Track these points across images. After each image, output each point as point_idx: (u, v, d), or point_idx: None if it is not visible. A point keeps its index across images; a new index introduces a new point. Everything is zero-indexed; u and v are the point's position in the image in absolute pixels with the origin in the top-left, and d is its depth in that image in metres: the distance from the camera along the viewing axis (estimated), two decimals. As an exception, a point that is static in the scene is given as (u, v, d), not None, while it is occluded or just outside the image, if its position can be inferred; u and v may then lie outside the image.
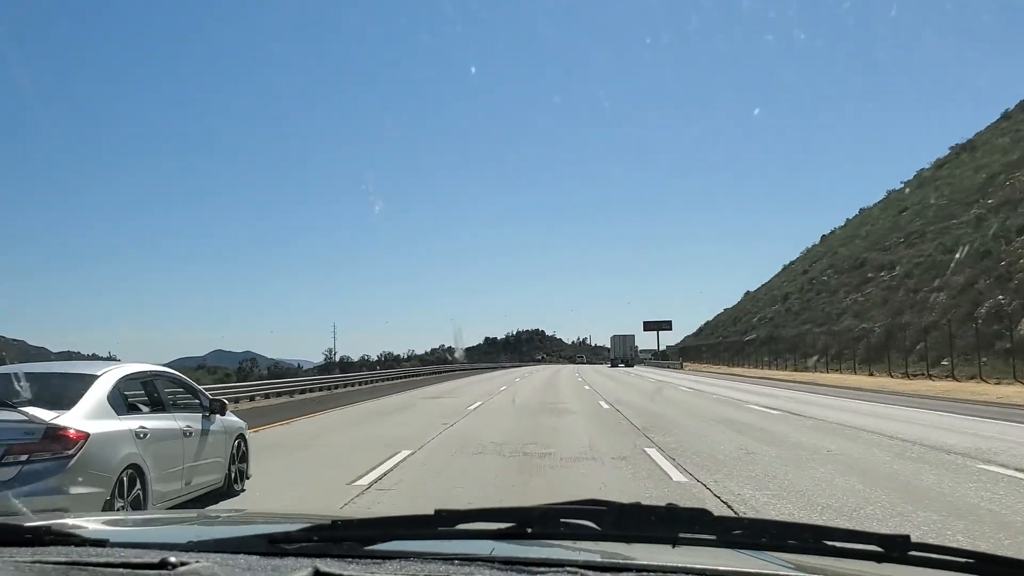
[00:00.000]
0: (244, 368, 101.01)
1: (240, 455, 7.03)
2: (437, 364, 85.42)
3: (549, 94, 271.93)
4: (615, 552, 1.37)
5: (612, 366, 76.20)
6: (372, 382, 34.36)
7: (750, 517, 1.53)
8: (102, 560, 1.28)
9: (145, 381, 5.98)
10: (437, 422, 14.00)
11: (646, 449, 9.72)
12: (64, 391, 5.23)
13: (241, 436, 7.04)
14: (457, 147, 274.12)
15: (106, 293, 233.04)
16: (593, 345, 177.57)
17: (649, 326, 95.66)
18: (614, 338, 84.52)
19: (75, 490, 4.77)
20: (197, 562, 1.23)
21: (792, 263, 79.76)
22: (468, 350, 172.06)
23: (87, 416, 5.07)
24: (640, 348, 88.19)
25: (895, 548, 1.27)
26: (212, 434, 6.43)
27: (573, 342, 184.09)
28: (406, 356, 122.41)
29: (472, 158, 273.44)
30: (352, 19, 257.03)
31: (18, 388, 5.13)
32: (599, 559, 1.34)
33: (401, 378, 41.28)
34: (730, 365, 58.59)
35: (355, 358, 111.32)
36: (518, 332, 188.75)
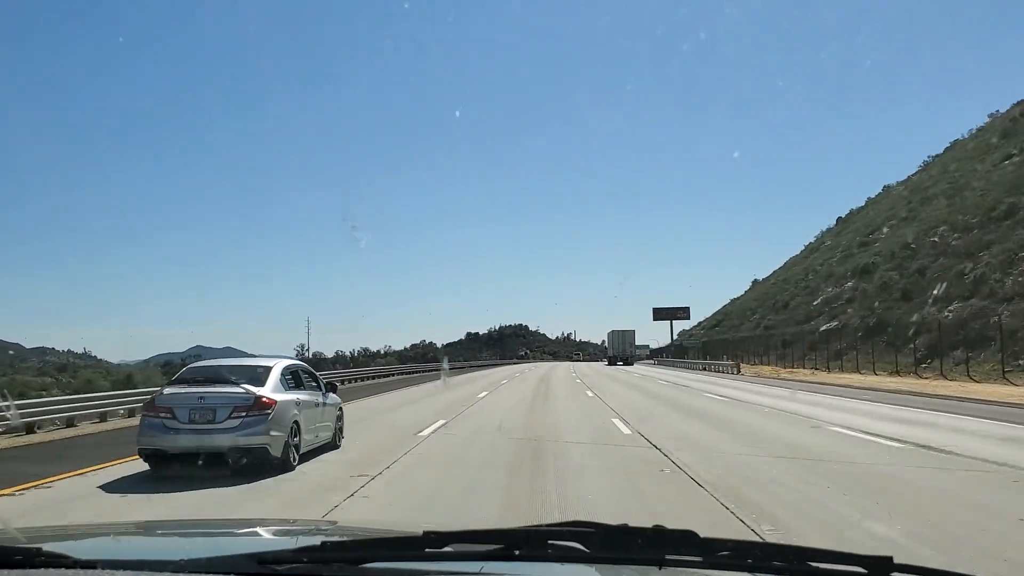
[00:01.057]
0: None
1: (339, 421, 10.77)
2: (414, 363, 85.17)
3: (530, 88, 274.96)
4: (602, 573, 1.44)
5: (609, 364, 72.53)
6: (342, 383, 30.22)
7: (736, 539, 1.36)
8: None
9: (292, 370, 9.68)
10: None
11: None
12: (257, 376, 8.92)
13: (340, 408, 10.81)
14: (437, 142, 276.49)
15: (81, 289, 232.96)
16: (578, 340, 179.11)
17: (661, 314, 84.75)
18: (612, 334, 79.44)
19: (272, 432, 8.45)
20: None
21: (847, 226, 69.57)
22: (449, 346, 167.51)
23: (273, 390, 8.76)
24: (638, 344, 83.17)
25: (878, 569, 1.31)
26: (327, 406, 10.19)
27: (557, 337, 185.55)
28: (383, 352, 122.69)
29: (454, 154, 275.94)
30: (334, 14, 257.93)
31: (232, 374, 8.85)
32: None
33: (371, 378, 38.52)
34: (805, 366, 43.35)
35: (329, 354, 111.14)
36: (500, 327, 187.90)
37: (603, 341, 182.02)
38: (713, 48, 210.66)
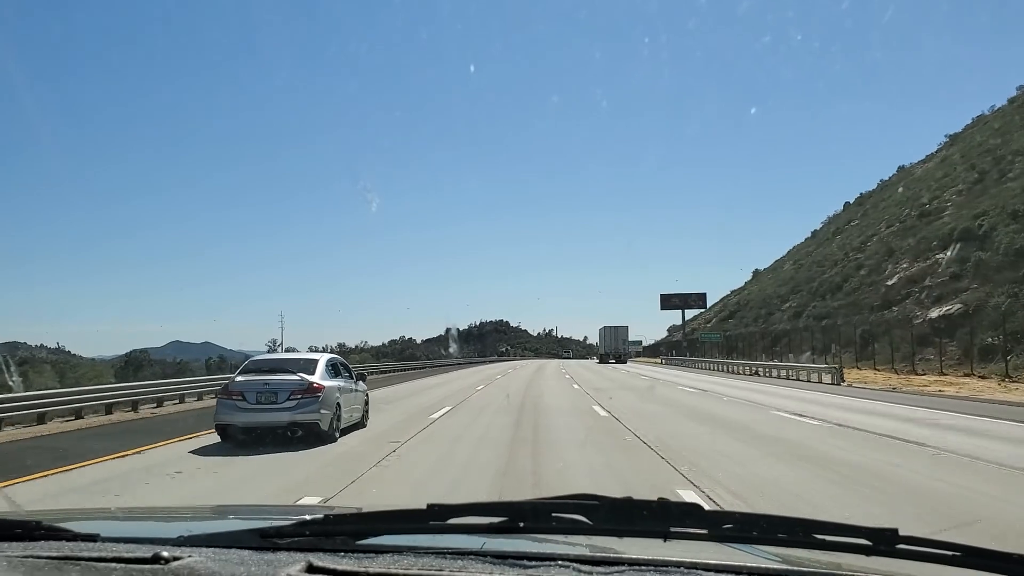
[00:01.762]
0: (211, 365, 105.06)
1: (366, 405, 13.21)
2: (391, 359, 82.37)
3: (511, 84, 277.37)
4: (606, 546, 1.44)
5: (601, 362, 69.93)
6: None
7: (741, 511, 1.49)
8: (94, 555, 1.35)
9: (333, 363, 12.13)
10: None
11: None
12: (307, 366, 11.34)
13: (367, 394, 13.26)
14: (417, 141, 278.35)
15: (55, 285, 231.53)
16: (560, 337, 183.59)
17: (671, 302, 76.85)
18: (604, 330, 75.65)
19: (321, 411, 10.87)
20: (190, 556, 1.31)
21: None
22: (428, 341, 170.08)
23: (321, 378, 11.19)
24: (630, 339, 79.43)
25: (883, 541, 1.33)
26: (358, 392, 12.67)
27: (539, 333, 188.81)
28: (359, 348, 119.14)
29: (434, 151, 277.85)
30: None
31: (288, 365, 11.28)
32: (590, 553, 1.40)
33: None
34: (919, 368, 31.22)
35: (302, 349, 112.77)
36: (481, 323, 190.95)
37: (585, 337, 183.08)
38: (699, 41, 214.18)
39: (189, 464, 9.53)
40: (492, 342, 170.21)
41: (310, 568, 1.25)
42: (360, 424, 12.85)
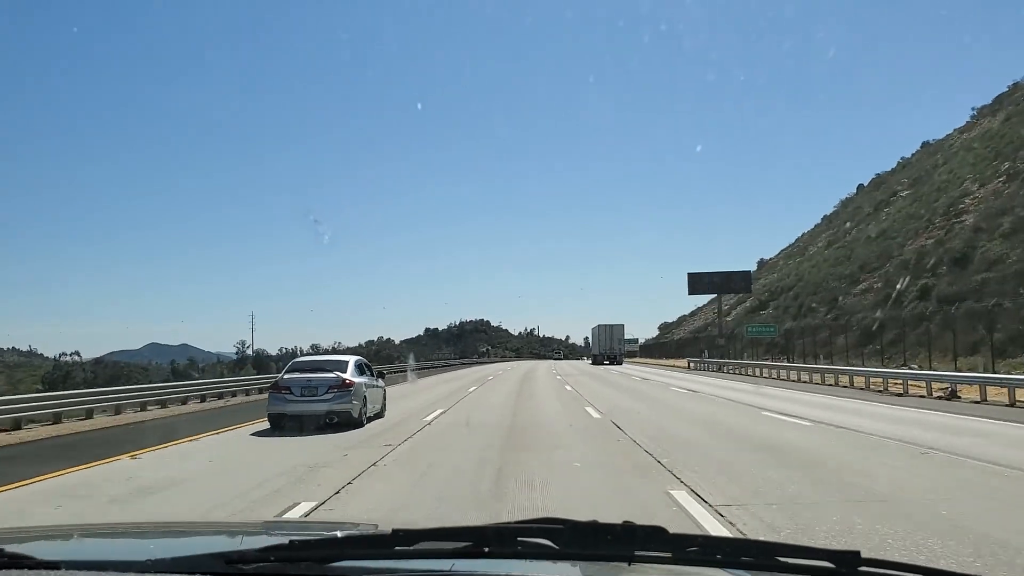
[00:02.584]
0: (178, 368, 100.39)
1: (385, 399, 16.12)
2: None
3: (490, 84, 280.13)
4: (571, 571, 1.49)
5: (594, 363, 68.02)
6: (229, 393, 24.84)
7: (705, 535, 1.85)
8: None
9: (359, 363, 15.09)
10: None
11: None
12: (340, 366, 14.32)
13: (385, 389, 16.17)
14: (393, 140, 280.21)
15: (27, 287, 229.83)
16: (541, 336, 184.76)
17: (701, 284, 61.85)
18: (598, 329, 72.65)
19: (353, 402, 13.83)
20: None
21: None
22: (407, 342, 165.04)
23: (351, 375, 14.13)
24: (626, 338, 76.07)
25: (845, 564, 1.37)
26: (379, 387, 15.69)
27: (520, 333, 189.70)
28: (333, 349, 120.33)
29: (411, 150, 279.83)
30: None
31: (325, 365, 14.19)
32: None
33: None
34: None
35: (273, 351, 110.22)
36: (461, 323, 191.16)
37: (568, 337, 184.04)
38: (675, 39, 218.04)
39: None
40: (473, 342, 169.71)
41: None
42: (380, 414, 15.83)
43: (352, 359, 14.99)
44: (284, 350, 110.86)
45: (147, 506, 7.44)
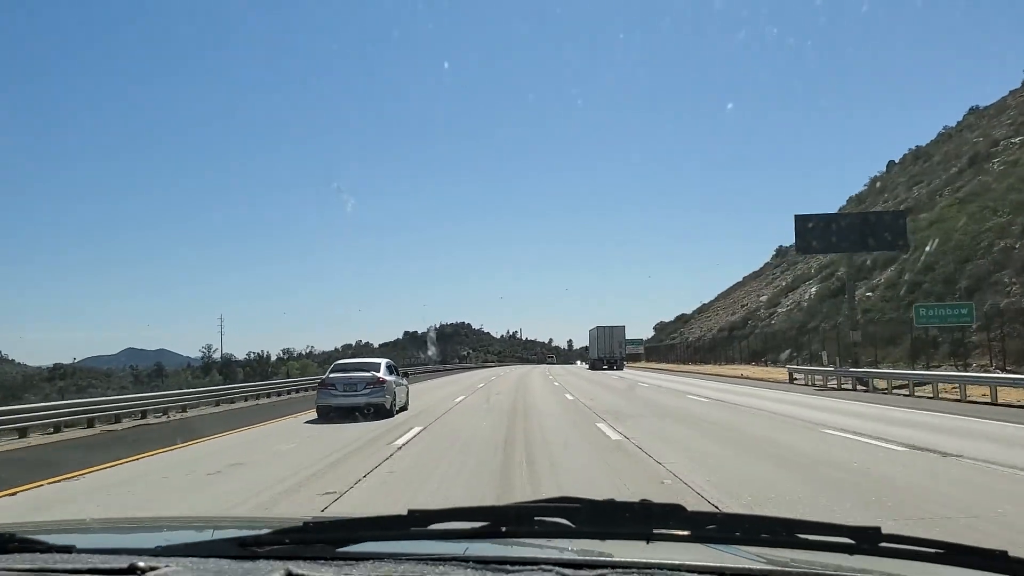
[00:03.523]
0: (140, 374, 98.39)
1: (407, 395, 19.87)
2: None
3: (472, 90, 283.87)
4: (589, 549, 1.51)
5: (592, 368, 65.35)
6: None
7: (724, 512, 1.84)
8: (69, 567, 1.40)
9: (389, 364, 18.92)
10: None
11: None
12: (374, 367, 18.18)
13: (408, 387, 19.97)
14: (372, 141, 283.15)
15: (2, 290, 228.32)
16: (525, 339, 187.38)
17: (820, 235, 33.79)
18: (597, 331, 68.41)
19: (385, 396, 17.66)
20: (167, 567, 1.34)
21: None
22: (385, 346, 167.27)
23: (383, 374, 17.95)
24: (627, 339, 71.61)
25: (866, 540, 1.40)
26: (404, 385, 19.59)
27: (503, 336, 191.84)
28: (305, 354, 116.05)
29: (390, 151, 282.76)
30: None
31: (362, 366, 17.93)
32: (573, 556, 1.47)
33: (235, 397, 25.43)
34: None
35: (240, 356, 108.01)
36: (441, 325, 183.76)
37: (551, 339, 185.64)
38: (656, 44, 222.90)
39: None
40: (453, 345, 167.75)
41: None
42: (405, 407, 19.58)
43: (383, 361, 18.88)
44: (252, 354, 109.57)
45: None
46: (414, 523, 1.49)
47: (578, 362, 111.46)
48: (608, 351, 65.10)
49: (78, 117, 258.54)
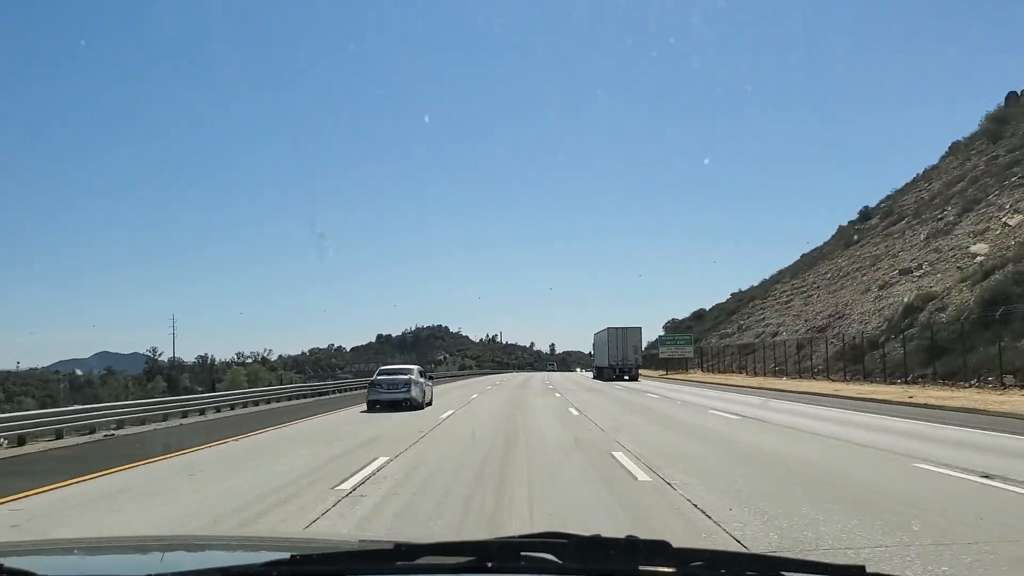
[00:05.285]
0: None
1: (432, 392, 26.91)
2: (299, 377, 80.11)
3: (453, 91, 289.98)
4: None
5: (599, 378, 58.88)
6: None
7: (710, 549, 1.72)
8: None
9: (420, 370, 26.19)
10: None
11: None
12: (409, 371, 25.34)
13: (433, 387, 26.93)
14: (349, 140, 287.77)
15: None
16: (504, 343, 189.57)
17: None
18: (609, 333, 58.69)
19: (417, 391, 24.56)
20: None
21: None
22: (356, 350, 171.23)
23: (416, 377, 25.15)
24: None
25: None
26: (430, 385, 26.68)
27: (481, 340, 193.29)
28: (262, 359, 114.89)
29: (367, 151, 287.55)
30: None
31: (401, 371, 24.90)
32: None
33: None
34: None
35: (189, 360, 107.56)
36: (417, 328, 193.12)
37: (532, 344, 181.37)
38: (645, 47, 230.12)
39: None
40: (429, 349, 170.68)
41: None
42: (430, 403, 26.25)
43: (416, 367, 25.94)
44: (200, 358, 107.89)
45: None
46: (400, 557, 1.57)
47: (579, 369, 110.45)
48: (621, 357, 57.04)
49: (53, 115, 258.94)
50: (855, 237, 65.54)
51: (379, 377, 25.12)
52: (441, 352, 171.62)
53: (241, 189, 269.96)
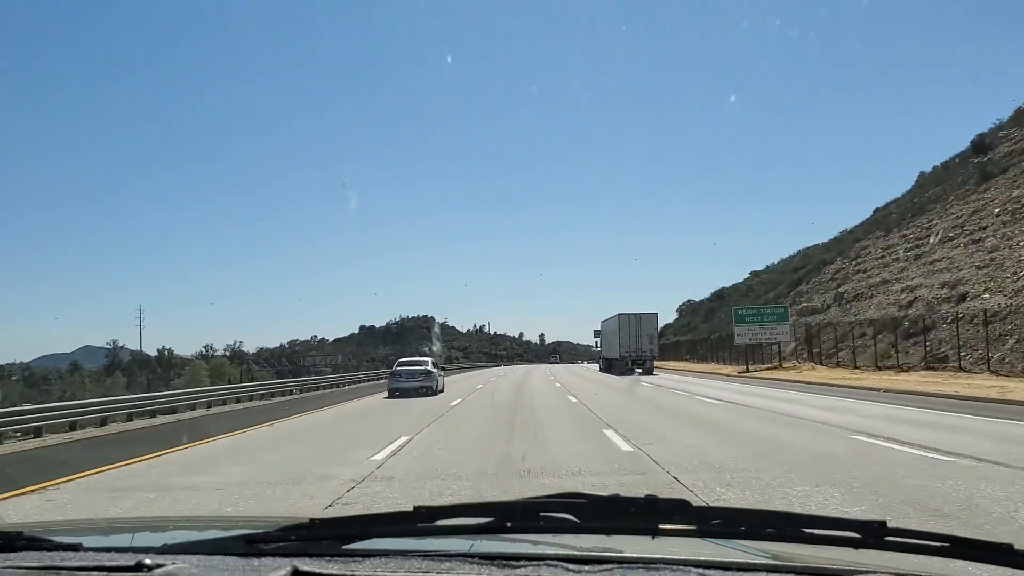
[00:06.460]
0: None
1: (443, 382, 31.54)
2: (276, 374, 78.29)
3: (441, 78, 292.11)
4: (595, 544, 1.59)
5: (607, 370, 54.40)
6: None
7: (729, 507, 2.05)
8: (76, 564, 1.50)
9: (434, 361, 30.63)
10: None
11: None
12: (425, 363, 29.80)
13: (444, 377, 31.73)
14: (333, 129, 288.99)
15: None
16: (492, 334, 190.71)
17: None
18: (618, 319, 52.94)
19: (432, 382, 29.00)
20: (173, 564, 1.44)
21: None
22: (338, 342, 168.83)
23: (430, 367, 29.60)
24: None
25: (871, 534, 1.50)
26: (442, 375, 31.45)
27: (469, 330, 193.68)
28: (228, 352, 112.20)
29: (352, 140, 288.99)
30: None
31: (420, 359, 29.61)
32: (579, 552, 1.55)
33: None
34: None
35: (151, 351, 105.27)
36: (402, 319, 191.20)
37: (521, 334, 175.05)
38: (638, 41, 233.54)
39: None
40: (415, 341, 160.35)
41: (296, 573, 1.40)
42: (442, 390, 30.45)
43: (429, 359, 30.19)
44: (161, 350, 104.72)
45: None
46: (420, 519, 1.60)
47: (583, 361, 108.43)
48: (636, 347, 51.52)
49: (46, 109, 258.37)
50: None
51: (398, 368, 29.56)
52: (427, 344, 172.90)
53: (228, 180, 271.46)
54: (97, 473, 11.06)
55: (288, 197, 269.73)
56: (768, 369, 44.38)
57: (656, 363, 53.36)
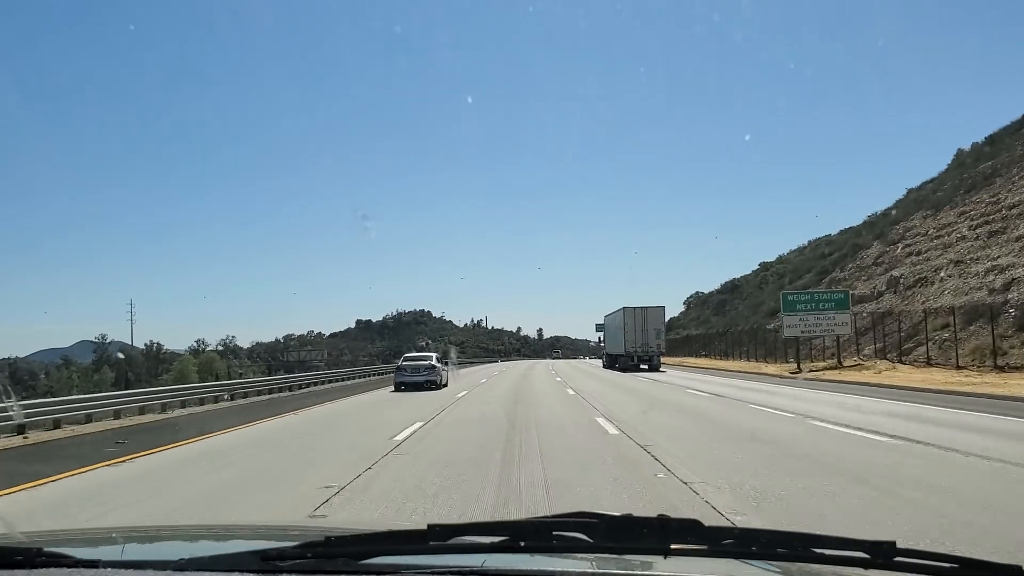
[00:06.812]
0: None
1: (447, 376, 33.09)
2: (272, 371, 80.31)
3: (438, 76, 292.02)
4: (607, 564, 1.64)
5: (611, 366, 53.50)
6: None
7: (741, 527, 1.95)
8: None
9: (438, 356, 32.35)
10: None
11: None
12: (429, 358, 31.56)
13: (447, 371, 33.23)
14: (331, 121, 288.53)
15: None
16: (490, 328, 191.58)
17: None
18: (623, 313, 51.48)
19: (437, 376, 30.63)
20: None
21: None
22: (334, 336, 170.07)
23: (435, 362, 31.23)
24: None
25: (881, 554, 1.52)
26: (446, 370, 33.03)
27: (466, 325, 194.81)
28: (220, 347, 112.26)
29: (354, 134, 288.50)
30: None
31: (423, 357, 31.05)
32: (591, 571, 1.61)
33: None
34: None
35: (138, 344, 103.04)
36: (399, 313, 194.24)
37: (519, 328, 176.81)
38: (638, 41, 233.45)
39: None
40: (411, 335, 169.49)
41: None
42: (446, 384, 31.93)
43: (434, 355, 31.90)
44: (149, 345, 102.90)
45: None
46: (433, 537, 1.63)
47: (584, 357, 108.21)
48: (641, 343, 50.05)
49: (46, 107, 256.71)
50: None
51: (404, 363, 31.11)
52: (423, 338, 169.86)
53: (224, 179, 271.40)
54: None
55: (284, 192, 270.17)
56: (828, 369, 36.65)
57: (663, 359, 51.54)
